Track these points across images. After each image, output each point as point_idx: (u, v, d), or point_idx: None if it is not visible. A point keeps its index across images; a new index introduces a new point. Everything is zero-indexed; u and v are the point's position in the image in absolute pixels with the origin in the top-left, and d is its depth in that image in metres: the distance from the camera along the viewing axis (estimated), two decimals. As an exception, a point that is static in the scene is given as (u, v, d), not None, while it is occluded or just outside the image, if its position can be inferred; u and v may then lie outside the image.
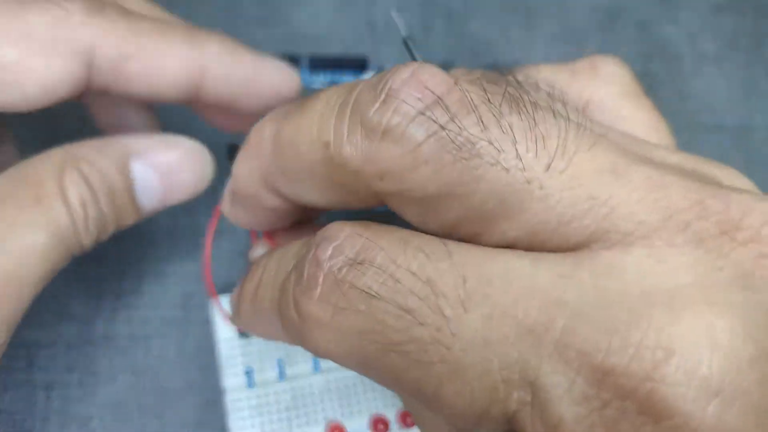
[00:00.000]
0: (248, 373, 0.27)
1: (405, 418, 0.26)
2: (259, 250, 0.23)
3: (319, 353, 0.15)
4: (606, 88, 0.20)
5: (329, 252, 0.15)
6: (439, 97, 0.14)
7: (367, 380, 0.27)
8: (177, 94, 0.22)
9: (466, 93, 0.14)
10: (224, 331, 0.27)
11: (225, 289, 0.30)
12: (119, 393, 0.28)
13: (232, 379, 0.27)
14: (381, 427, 0.26)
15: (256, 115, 0.20)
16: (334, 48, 0.34)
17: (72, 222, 0.20)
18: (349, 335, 0.14)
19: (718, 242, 0.13)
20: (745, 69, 0.36)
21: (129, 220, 0.22)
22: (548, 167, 0.14)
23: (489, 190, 0.14)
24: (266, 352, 0.27)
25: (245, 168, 0.19)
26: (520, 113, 0.14)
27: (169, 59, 0.21)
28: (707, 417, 0.12)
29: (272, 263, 0.18)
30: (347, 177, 0.15)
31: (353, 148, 0.15)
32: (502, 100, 0.14)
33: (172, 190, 0.23)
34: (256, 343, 0.27)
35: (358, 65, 0.32)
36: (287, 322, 0.16)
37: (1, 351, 0.20)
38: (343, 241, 0.15)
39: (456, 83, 0.15)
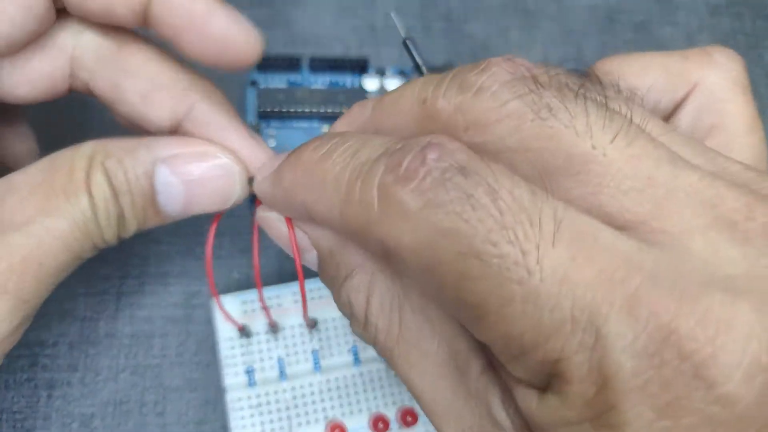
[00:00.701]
0: (249, 373, 0.27)
1: (405, 417, 0.26)
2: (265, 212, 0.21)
3: (385, 239, 0.16)
4: (718, 74, 0.21)
5: (437, 154, 0.15)
6: (529, 73, 0.16)
7: (367, 379, 0.27)
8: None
9: (553, 75, 0.16)
10: (225, 331, 0.27)
11: (226, 289, 0.30)
12: (121, 391, 0.28)
13: (232, 378, 0.27)
14: (381, 426, 0.26)
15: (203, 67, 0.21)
16: (335, 49, 0.34)
17: (94, 215, 0.21)
18: (433, 231, 0.15)
19: (764, 242, 0.14)
20: (742, 70, 0.36)
21: (151, 222, 0.22)
22: (613, 140, 0.15)
23: (559, 149, 0.15)
24: (267, 351, 0.27)
25: (343, 126, 0.20)
26: (595, 97, 0.16)
27: (161, 104, 0.22)
28: (754, 389, 0.13)
29: (352, 144, 0.18)
30: (436, 128, 0.17)
31: (447, 101, 0.17)
32: (581, 86, 0.16)
33: (195, 200, 0.23)
34: (257, 342, 0.27)
35: (358, 66, 0.32)
36: (358, 203, 0.16)
37: (19, 333, 0.21)
38: (454, 149, 0.15)
39: (545, 69, 0.17)
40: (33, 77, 0.22)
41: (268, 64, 0.32)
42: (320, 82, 0.32)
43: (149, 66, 0.22)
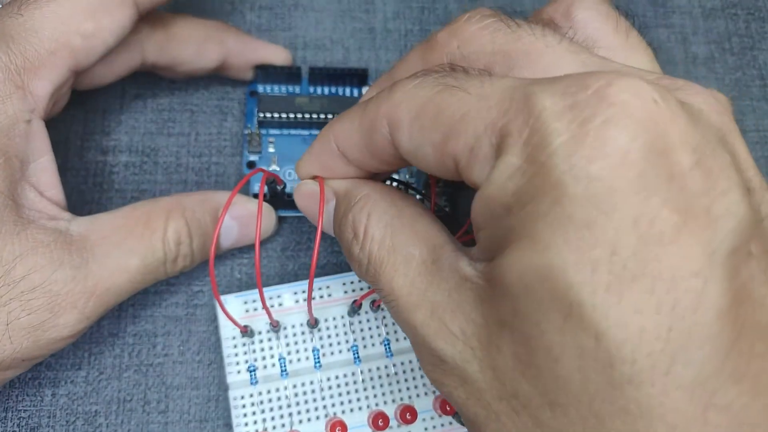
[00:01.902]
0: (251, 371, 0.27)
1: (404, 415, 0.27)
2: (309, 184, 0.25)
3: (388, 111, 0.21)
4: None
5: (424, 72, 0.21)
6: (497, 15, 0.22)
7: (367, 377, 0.27)
8: (211, 70, 0.32)
9: (507, 17, 0.22)
10: (228, 330, 0.27)
11: (228, 288, 0.30)
12: (124, 390, 0.29)
13: (235, 376, 0.27)
14: (381, 423, 0.26)
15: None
16: (336, 53, 0.34)
17: (164, 256, 0.26)
18: (422, 94, 0.20)
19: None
20: (736, 71, 0.36)
21: (209, 256, 0.26)
22: (560, 42, 0.20)
23: (523, 48, 0.20)
24: (268, 350, 0.27)
25: (371, 93, 0.25)
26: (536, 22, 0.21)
27: (209, 52, 0.31)
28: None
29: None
30: (435, 53, 0.22)
31: (444, 32, 0.22)
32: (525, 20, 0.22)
33: (245, 235, 0.29)
34: (259, 341, 0.27)
35: (358, 78, 0.32)
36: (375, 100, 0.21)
37: (74, 339, 0.25)
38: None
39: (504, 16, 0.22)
40: (117, 70, 0.29)
41: (267, 74, 0.32)
42: (320, 93, 0.33)
43: (190, 32, 0.30)
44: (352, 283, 0.29)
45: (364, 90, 0.33)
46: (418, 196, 0.31)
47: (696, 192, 0.15)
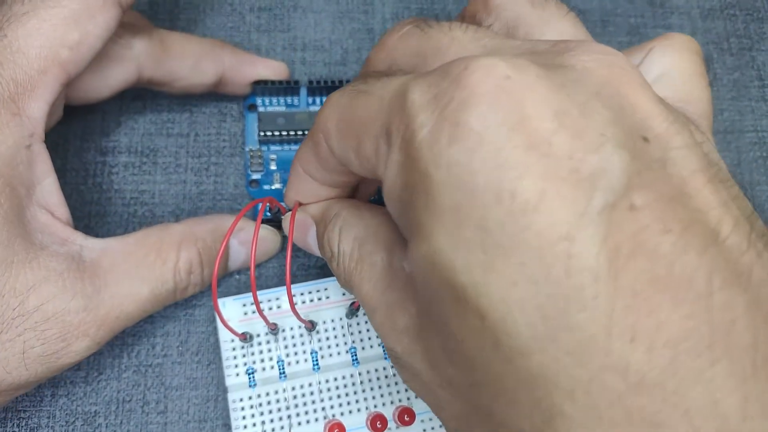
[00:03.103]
0: (250, 373, 0.27)
1: (402, 417, 0.27)
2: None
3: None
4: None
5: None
6: (414, 21, 0.22)
7: (365, 379, 0.28)
8: (209, 86, 0.31)
9: (424, 21, 0.22)
10: (226, 333, 0.27)
11: (227, 290, 0.30)
12: (123, 390, 0.29)
13: (234, 379, 0.27)
14: (379, 425, 0.27)
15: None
16: (334, 54, 0.34)
17: (174, 286, 0.27)
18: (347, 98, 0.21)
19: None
20: (735, 72, 0.37)
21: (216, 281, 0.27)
22: (465, 31, 0.20)
23: (434, 45, 0.20)
24: (267, 352, 0.28)
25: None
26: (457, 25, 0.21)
27: (206, 67, 0.31)
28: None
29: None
30: (369, 69, 0.23)
31: (373, 49, 0.23)
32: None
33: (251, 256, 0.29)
34: (257, 344, 0.28)
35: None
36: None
37: (82, 360, 0.25)
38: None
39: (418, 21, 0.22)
40: (113, 84, 0.29)
41: (266, 88, 0.32)
42: (318, 105, 0.33)
43: (186, 48, 0.30)
44: (350, 284, 0.29)
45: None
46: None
47: (561, 155, 0.15)
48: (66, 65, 0.25)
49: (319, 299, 0.28)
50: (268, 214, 0.30)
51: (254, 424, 0.27)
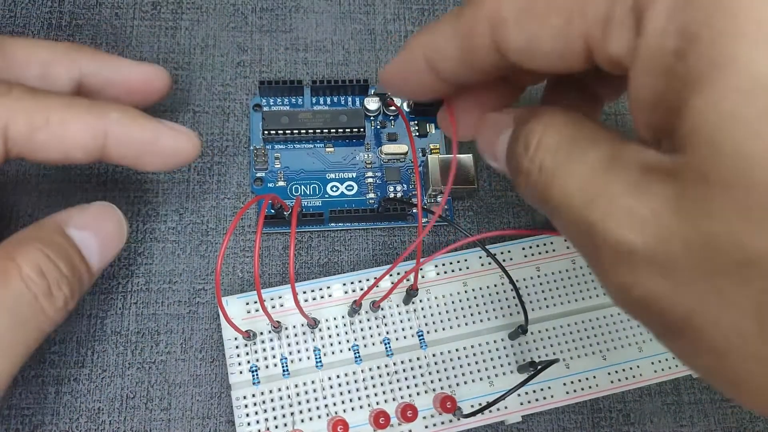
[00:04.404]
0: (253, 371, 0.27)
1: (405, 413, 0.27)
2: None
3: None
4: None
5: None
6: None
7: (368, 376, 0.28)
8: (84, 156, 0.25)
9: None
10: (230, 331, 0.28)
11: (231, 287, 0.30)
12: (127, 387, 0.29)
13: (237, 376, 0.27)
14: (382, 421, 0.27)
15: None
16: (336, 54, 0.35)
17: (34, 295, 0.23)
18: None
19: None
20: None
21: (86, 281, 0.25)
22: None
23: None
24: (270, 350, 0.28)
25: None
26: None
27: (74, 127, 0.24)
28: None
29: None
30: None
31: None
32: None
33: (105, 240, 0.26)
34: (261, 341, 0.28)
35: (359, 88, 0.33)
36: None
37: None
38: None
39: None
40: None
41: (270, 88, 0.32)
42: (322, 103, 0.33)
43: (31, 53, 0.26)
44: (352, 283, 0.29)
45: (366, 100, 0.33)
46: (414, 210, 0.31)
47: None
48: None
49: (322, 297, 0.29)
50: (272, 211, 0.31)
51: (257, 421, 0.27)
